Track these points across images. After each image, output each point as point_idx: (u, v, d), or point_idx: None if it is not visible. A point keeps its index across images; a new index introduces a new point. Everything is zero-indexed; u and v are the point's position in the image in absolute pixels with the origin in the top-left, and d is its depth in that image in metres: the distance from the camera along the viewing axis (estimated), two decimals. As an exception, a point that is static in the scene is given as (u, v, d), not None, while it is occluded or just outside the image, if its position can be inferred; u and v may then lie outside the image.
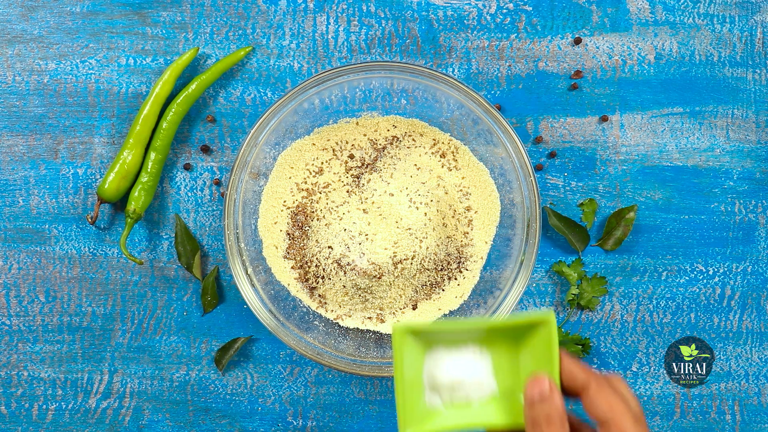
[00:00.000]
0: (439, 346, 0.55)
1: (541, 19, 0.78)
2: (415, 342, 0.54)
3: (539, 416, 0.49)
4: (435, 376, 0.54)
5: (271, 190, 0.75)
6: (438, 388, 0.54)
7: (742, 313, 0.80)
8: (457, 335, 0.55)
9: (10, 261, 0.78)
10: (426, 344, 0.55)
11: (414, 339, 0.54)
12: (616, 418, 0.48)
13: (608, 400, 0.49)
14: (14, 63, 0.78)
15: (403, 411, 0.53)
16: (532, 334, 0.53)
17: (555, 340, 0.51)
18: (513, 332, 0.54)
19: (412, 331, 0.53)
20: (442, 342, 0.55)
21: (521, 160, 0.70)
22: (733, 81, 0.79)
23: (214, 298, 0.78)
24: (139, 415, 0.79)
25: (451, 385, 0.54)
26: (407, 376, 0.53)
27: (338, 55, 0.78)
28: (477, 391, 0.54)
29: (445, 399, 0.55)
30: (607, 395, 0.49)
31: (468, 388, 0.54)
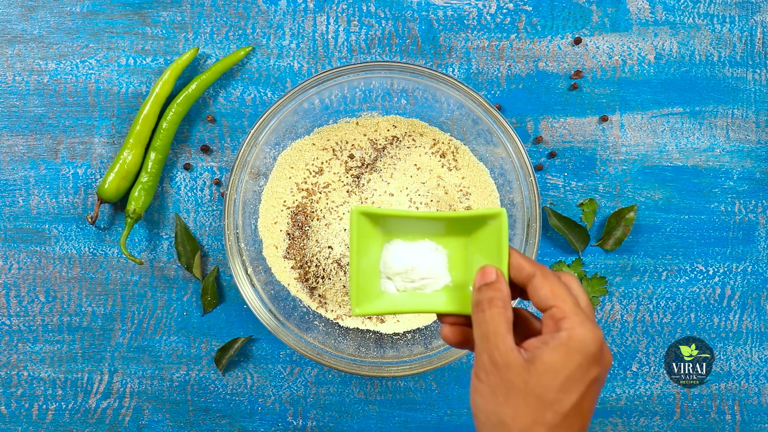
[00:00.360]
0: (397, 239, 0.58)
1: (541, 19, 0.78)
2: (374, 231, 0.57)
3: (483, 299, 0.51)
4: (390, 264, 0.57)
5: (271, 190, 0.75)
6: (392, 276, 0.57)
7: (742, 313, 0.80)
8: (414, 229, 0.57)
9: (10, 261, 0.78)
10: (385, 235, 0.58)
11: (373, 228, 0.57)
12: (557, 303, 0.49)
13: (551, 288, 0.50)
14: (14, 63, 0.78)
15: (356, 292, 0.56)
16: (484, 229, 0.55)
17: (505, 234, 0.53)
18: (467, 227, 0.56)
19: (369, 216, 0.56)
20: (401, 235, 0.57)
21: (521, 160, 0.70)
22: (733, 81, 0.79)
23: (214, 298, 0.78)
24: (139, 415, 0.79)
25: (404, 271, 0.56)
26: (363, 261, 0.56)
27: (338, 55, 0.78)
28: (432, 284, 0.57)
29: (399, 286, 0.57)
30: (550, 283, 0.50)
31: (422, 279, 0.57)
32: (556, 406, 0.47)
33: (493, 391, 0.48)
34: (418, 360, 0.71)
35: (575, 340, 0.47)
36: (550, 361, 0.47)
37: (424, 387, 0.80)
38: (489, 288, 0.51)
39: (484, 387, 0.49)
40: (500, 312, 0.50)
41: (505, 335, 0.49)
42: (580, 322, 0.48)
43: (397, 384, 0.80)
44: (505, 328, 0.49)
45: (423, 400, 0.80)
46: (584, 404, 0.48)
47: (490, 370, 0.49)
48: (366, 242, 0.56)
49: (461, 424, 0.80)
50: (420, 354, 0.72)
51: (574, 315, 0.48)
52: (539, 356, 0.48)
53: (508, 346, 0.48)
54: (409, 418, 0.80)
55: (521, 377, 0.47)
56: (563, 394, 0.47)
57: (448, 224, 0.57)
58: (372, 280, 0.57)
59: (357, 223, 0.55)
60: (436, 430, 0.80)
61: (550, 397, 0.47)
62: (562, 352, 0.47)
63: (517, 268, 0.52)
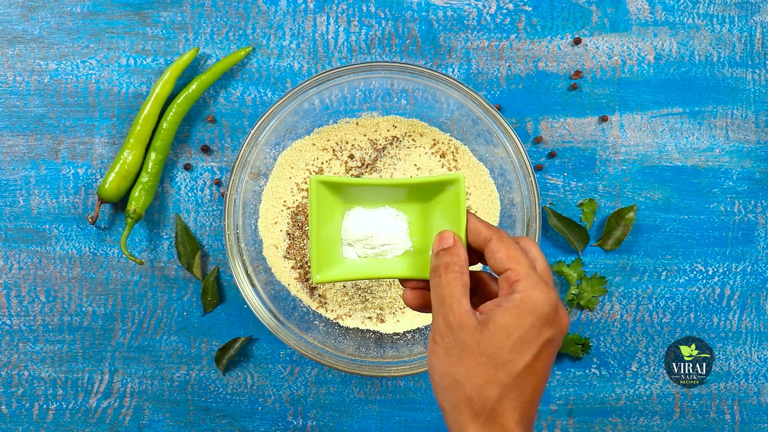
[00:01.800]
0: (358, 207, 0.59)
1: (540, 19, 0.78)
2: (335, 199, 0.58)
3: (440, 264, 0.52)
4: (351, 231, 0.58)
5: (271, 190, 0.75)
6: (353, 243, 0.58)
7: (741, 313, 0.80)
8: (375, 196, 0.58)
9: (10, 261, 0.78)
10: (346, 203, 0.58)
11: (333, 196, 0.57)
12: (512, 265, 0.50)
13: (507, 251, 0.50)
14: (15, 63, 0.78)
15: (317, 259, 0.57)
16: (443, 195, 0.56)
17: (463, 199, 0.54)
18: (426, 193, 0.57)
19: (329, 184, 0.57)
20: (361, 202, 0.58)
21: (521, 160, 0.70)
22: (733, 81, 0.79)
23: (214, 298, 0.78)
24: (139, 415, 0.79)
25: (365, 238, 0.57)
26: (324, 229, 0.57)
27: (338, 56, 0.78)
28: (393, 250, 0.58)
29: (360, 253, 0.58)
30: (506, 246, 0.51)
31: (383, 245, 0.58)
32: (509, 366, 0.48)
33: (447, 352, 0.49)
34: (418, 360, 0.71)
35: (528, 302, 0.48)
36: (503, 322, 0.48)
37: (424, 387, 0.80)
38: (446, 253, 0.52)
39: (440, 348, 0.50)
40: (456, 276, 0.51)
41: (460, 298, 0.50)
42: (534, 284, 0.49)
43: (397, 384, 0.80)
44: (460, 292, 0.50)
45: (423, 400, 0.80)
46: (537, 364, 0.49)
47: (444, 332, 0.49)
48: (326, 211, 0.57)
49: (461, 424, 0.80)
50: (420, 354, 0.72)
51: (528, 277, 0.49)
52: (492, 318, 0.48)
53: (463, 309, 0.49)
54: (409, 418, 0.80)
55: (474, 338, 0.48)
56: (515, 354, 0.48)
57: (408, 190, 0.58)
58: (333, 247, 0.58)
59: (316, 192, 0.56)
60: (436, 430, 0.80)
61: (503, 357, 0.48)
62: (514, 313, 0.48)
63: (474, 232, 0.53)
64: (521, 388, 0.48)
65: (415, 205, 0.59)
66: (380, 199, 0.59)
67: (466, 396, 0.48)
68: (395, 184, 0.58)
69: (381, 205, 0.59)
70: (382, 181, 0.58)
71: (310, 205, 0.56)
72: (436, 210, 0.57)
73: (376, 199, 0.59)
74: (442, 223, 0.56)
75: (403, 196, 0.59)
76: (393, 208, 0.59)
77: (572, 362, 0.80)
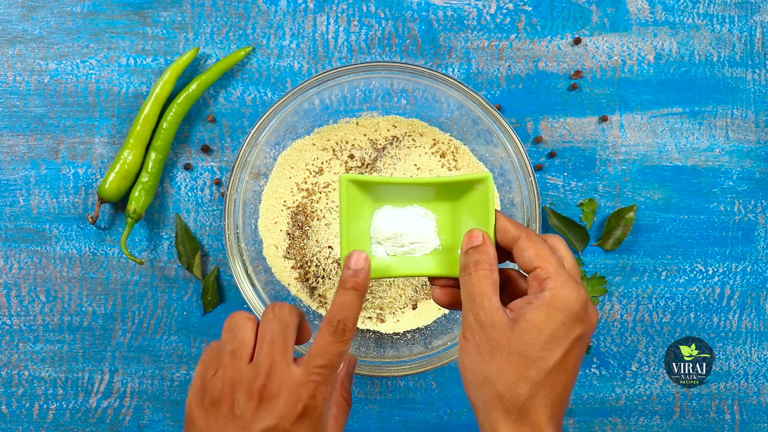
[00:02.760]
0: (387, 205, 0.59)
1: (540, 19, 0.78)
2: (364, 198, 0.58)
3: (470, 262, 0.52)
4: (380, 229, 0.58)
5: (271, 190, 0.75)
6: (383, 241, 0.58)
7: (741, 312, 0.80)
8: (404, 195, 0.59)
9: (10, 261, 0.78)
10: (375, 201, 0.59)
11: (362, 195, 0.58)
12: (541, 263, 0.50)
13: (535, 249, 0.51)
14: (15, 63, 0.78)
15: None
16: (472, 194, 0.57)
17: (491, 198, 0.55)
18: (454, 192, 0.58)
19: (358, 183, 0.57)
20: (390, 201, 0.59)
21: (521, 160, 0.70)
22: (733, 81, 0.79)
23: (214, 297, 0.78)
24: (139, 415, 0.79)
25: (394, 236, 0.58)
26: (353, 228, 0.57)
27: (338, 55, 0.78)
28: (421, 248, 0.58)
29: (389, 251, 0.58)
30: (534, 245, 0.51)
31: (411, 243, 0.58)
32: (540, 363, 0.48)
33: (478, 350, 0.49)
34: (418, 360, 0.71)
35: (558, 299, 0.48)
36: (534, 319, 0.48)
37: (424, 387, 0.80)
38: (475, 251, 0.52)
39: (470, 346, 0.50)
40: (486, 274, 0.51)
41: (490, 296, 0.50)
42: (564, 282, 0.49)
43: (397, 384, 0.80)
44: (490, 289, 0.50)
45: (423, 400, 0.80)
46: (568, 361, 0.49)
47: (475, 329, 0.50)
48: (355, 209, 0.58)
49: (461, 424, 0.80)
50: (420, 354, 0.72)
51: (558, 275, 0.49)
52: (523, 315, 0.49)
53: (494, 306, 0.50)
54: (409, 417, 0.80)
55: (505, 336, 0.49)
56: (546, 352, 0.48)
57: (436, 189, 0.58)
58: (363, 246, 0.58)
59: (346, 191, 0.57)
60: (436, 429, 0.80)
61: (534, 355, 0.48)
62: (545, 311, 0.48)
63: (503, 230, 0.53)
64: (552, 386, 0.49)
65: (444, 204, 0.59)
66: (409, 198, 0.59)
67: (498, 393, 0.49)
68: (424, 183, 0.58)
69: (410, 204, 0.59)
70: (410, 180, 0.59)
71: (340, 204, 0.57)
72: (464, 209, 0.58)
73: (404, 197, 0.59)
74: (470, 221, 0.56)
75: (432, 195, 0.59)
76: (421, 206, 0.59)
77: (572, 362, 0.80)
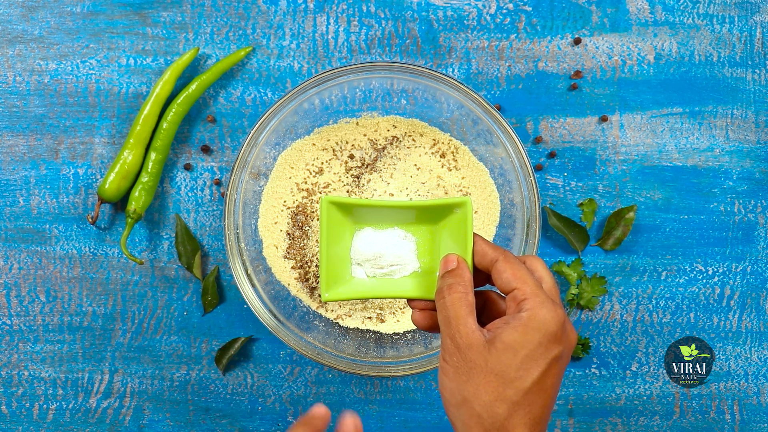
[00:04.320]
0: (368, 227, 0.60)
1: (540, 19, 0.78)
2: (345, 220, 0.59)
3: (444, 286, 0.53)
4: (360, 251, 0.59)
5: (271, 190, 0.75)
6: (362, 263, 0.59)
7: (741, 312, 0.80)
8: (384, 218, 0.60)
9: (10, 261, 0.78)
10: (355, 223, 0.60)
11: (343, 216, 0.59)
12: (518, 285, 0.50)
13: (513, 271, 0.51)
14: (15, 63, 0.78)
15: (326, 278, 0.58)
16: (451, 217, 0.58)
17: (470, 222, 0.55)
18: (434, 216, 0.59)
19: (339, 205, 0.58)
20: (371, 223, 0.60)
21: (521, 160, 0.70)
22: (733, 81, 0.79)
23: (214, 298, 0.78)
24: (139, 415, 0.79)
25: (374, 258, 0.59)
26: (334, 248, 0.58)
27: (338, 56, 0.78)
28: (400, 270, 0.59)
29: (368, 272, 0.59)
30: (512, 266, 0.51)
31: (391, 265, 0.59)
32: (517, 383, 0.48)
33: (456, 371, 0.50)
34: (418, 360, 0.71)
35: (535, 320, 0.49)
36: (510, 339, 0.49)
37: (424, 387, 0.80)
38: (450, 275, 0.53)
39: (449, 367, 0.51)
40: (460, 297, 0.52)
41: (465, 318, 0.51)
42: (541, 303, 0.49)
43: (397, 384, 0.80)
44: (465, 312, 0.51)
45: (423, 400, 0.80)
46: (546, 381, 0.49)
47: (453, 351, 0.50)
48: (336, 231, 0.58)
49: (461, 424, 0.80)
50: (420, 354, 0.72)
51: (535, 296, 0.50)
52: (499, 336, 0.49)
53: (469, 329, 0.50)
54: (409, 417, 0.80)
55: (482, 356, 0.49)
56: (523, 372, 0.49)
57: (417, 213, 0.59)
58: (342, 266, 0.59)
59: (327, 213, 0.58)
60: (436, 429, 0.80)
61: (510, 375, 0.48)
62: (521, 331, 0.49)
63: (480, 254, 0.54)
64: (530, 405, 0.49)
65: (423, 227, 0.60)
66: (389, 221, 0.60)
67: (476, 413, 0.49)
68: (404, 206, 0.59)
69: (390, 226, 0.60)
70: (391, 203, 0.59)
71: (321, 225, 0.58)
72: (443, 232, 0.58)
73: (385, 220, 0.60)
74: (449, 244, 0.57)
75: (412, 218, 0.60)
76: (402, 229, 0.60)
77: (572, 362, 0.80)
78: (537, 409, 0.49)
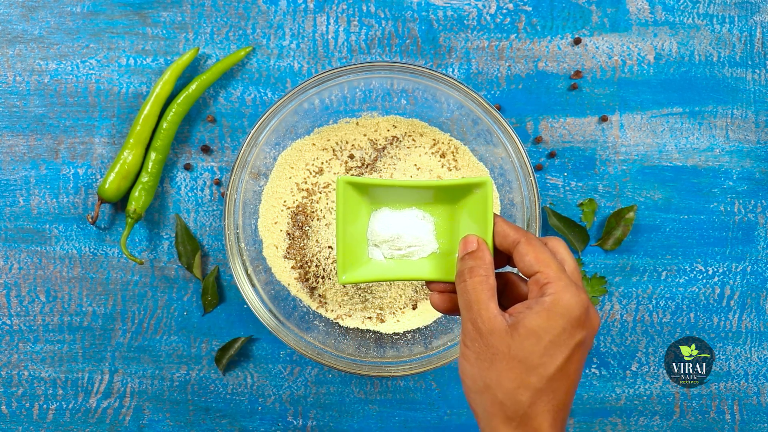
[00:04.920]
0: (385, 208, 0.58)
1: (540, 19, 0.78)
2: (361, 200, 0.57)
3: (465, 269, 0.51)
4: (377, 232, 0.58)
5: (271, 190, 0.75)
6: (380, 244, 0.58)
7: (741, 312, 0.80)
8: (402, 198, 0.58)
9: (10, 261, 0.79)
10: (372, 204, 0.58)
11: (360, 197, 0.57)
12: (541, 268, 0.49)
13: (535, 254, 0.50)
14: (15, 63, 0.78)
15: (343, 260, 0.57)
16: (470, 198, 0.56)
17: (490, 202, 0.54)
18: (453, 195, 0.57)
19: (355, 185, 0.57)
20: (388, 203, 0.58)
21: (521, 160, 0.70)
22: (733, 81, 0.79)
23: (214, 298, 0.78)
24: (139, 415, 0.79)
25: (391, 239, 0.57)
26: (350, 229, 0.57)
27: (338, 56, 0.78)
28: (419, 251, 0.58)
29: (386, 254, 0.58)
30: (535, 249, 0.50)
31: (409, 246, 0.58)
32: (540, 370, 0.48)
33: (478, 357, 0.49)
34: (418, 360, 0.71)
35: (558, 305, 0.48)
36: (533, 325, 0.48)
37: (424, 387, 0.80)
38: (470, 257, 0.52)
39: (470, 353, 0.49)
40: (482, 280, 0.50)
41: (487, 303, 0.49)
42: (564, 287, 0.48)
43: (397, 384, 0.80)
44: (487, 296, 0.50)
45: (423, 400, 0.80)
46: (569, 367, 0.48)
47: (474, 337, 0.49)
48: (352, 211, 0.57)
49: (461, 424, 0.80)
50: (420, 354, 0.72)
51: (558, 280, 0.49)
52: (522, 321, 0.48)
53: (491, 313, 0.49)
54: (409, 417, 0.80)
55: (505, 342, 0.48)
56: (547, 358, 0.47)
57: (435, 192, 0.58)
58: (359, 248, 0.58)
59: (343, 193, 0.56)
60: (436, 429, 0.80)
61: (534, 361, 0.47)
62: (544, 316, 0.48)
63: (502, 235, 0.53)
64: (554, 392, 0.48)
65: (442, 207, 0.58)
66: (407, 201, 0.58)
67: (499, 400, 0.48)
68: (422, 185, 0.58)
69: (408, 207, 0.58)
70: (409, 182, 0.58)
71: (337, 206, 0.56)
72: (463, 212, 0.57)
73: (402, 200, 0.58)
74: (469, 225, 0.56)
75: (430, 198, 0.58)
76: (420, 209, 0.58)
77: (572, 362, 0.80)
78: (560, 395, 0.48)
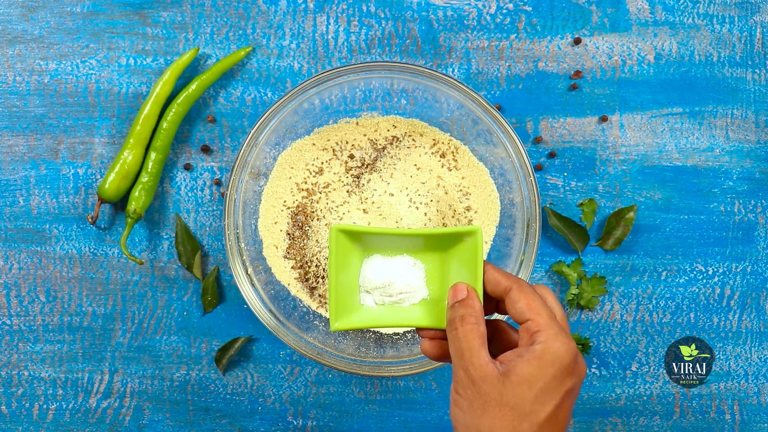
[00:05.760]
0: (377, 255, 0.59)
1: (540, 19, 0.78)
2: (353, 247, 0.58)
3: (455, 317, 0.52)
4: (369, 278, 0.58)
5: (271, 190, 0.75)
6: (371, 290, 0.58)
7: (741, 312, 0.80)
8: (393, 245, 0.59)
9: (10, 261, 0.78)
10: (364, 251, 0.59)
11: (352, 244, 0.58)
12: (532, 316, 0.50)
13: (527, 301, 0.51)
14: (15, 63, 0.78)
15: (335, 306, 0.57)
16: (461, 245, 0.57)
17: (480, 250, 0.55)
18: (443, 243, 0.58)
19: (348, 233, 0.57)
20: (379, 250, 0.59)
21: (521, 160, 0.70)
22: (733, 81, 0.79)
23: (214, 298, 0.78)
24: (139, 415, 0.79)
25: (383, 286, 0.58)
26: (342, 276, 0.57)
27: (338, 55, 0.78)
28: (410, 298, 0.58)
29: (377, 300, 0.59)
30: (526, 296, 0.51)
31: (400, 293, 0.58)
32: (532, 417, 0.48)
33: (470, 404, 0.50)
34: (418, 360, 0.71)
35: (549, 353, 0.49)
36: (525, 373, 0.49)
37: (424, 387, 0.80)
38: (461, 305, 0.53)
39: (462, 400, 0.50)
40: (473, 328, 0.51)
41: (478, 350, 0.50)
42: (555, 335, 0.49)
43: (397, 384, 0.80)
44: (478, 344, 0.51)
45: (423, 400, 0.80)
46: (560, 414, 0.49)
47: (467, 384, 0.50)
48: (345, 258, 0.58)
49: (461, 424, 0.80)
50: (420, 354, 0.72)
51: (549, 328, 0.50)
52: (514, 369, 0.49)
53: (483, 361, 0.50)
54: (409, 417, 0.80)
55: (497, 390, 0.49)
56: (538, 405, 0.48)
57: (425, 240, 0.58)
58: (351, 294, 0.58)
59: (335, 241, 0.57)
60: (436, 429, 0.80)
61: (526, 409, 0.48)
62: (535, 364, 0.49)
63: (493, 282, 0.54)
64: None
65: (433, 255, 0.59)
66: (398, 248, 0.59)
67: None
68: (413, 234, 0.58)
69: (399, 254, 0.59)
70: (400, 231, 0.59)
71: (329, 253, 0.57)
72: (453, 259, 0.58)
73: (394, 247, 0.59)
74: (459, 272, 0.56)
75: (421, 245, 0.59)
76: (411, 256, 0.59)
77: (572, 362, 0.80)
78: None
